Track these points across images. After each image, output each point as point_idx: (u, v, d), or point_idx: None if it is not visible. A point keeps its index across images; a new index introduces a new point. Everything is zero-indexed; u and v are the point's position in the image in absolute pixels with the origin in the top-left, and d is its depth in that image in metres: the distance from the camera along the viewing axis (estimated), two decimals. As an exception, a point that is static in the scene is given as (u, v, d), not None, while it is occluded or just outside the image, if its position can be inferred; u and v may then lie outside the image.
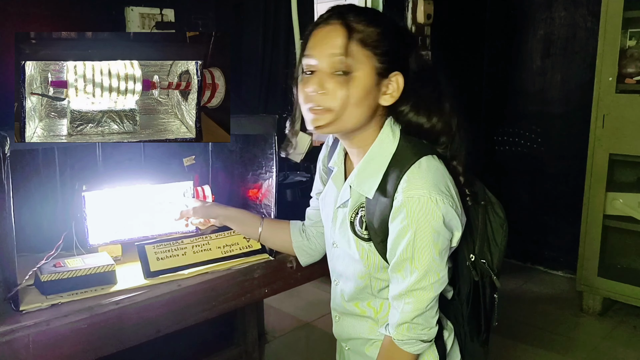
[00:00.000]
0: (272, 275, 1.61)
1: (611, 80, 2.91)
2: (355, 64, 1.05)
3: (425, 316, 1.11)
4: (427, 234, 1.05)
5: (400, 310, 1.11)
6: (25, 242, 1.46)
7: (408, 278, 1.09)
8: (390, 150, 1.11)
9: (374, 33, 1.06)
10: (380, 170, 1.11)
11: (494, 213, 1.22)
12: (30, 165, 1.59)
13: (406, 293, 1.10)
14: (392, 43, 1.07)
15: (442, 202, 1.04)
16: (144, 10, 2.03)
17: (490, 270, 1.20)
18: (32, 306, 1.25)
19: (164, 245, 1.51)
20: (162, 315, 1.39)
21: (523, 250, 3.82)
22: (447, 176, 1.11)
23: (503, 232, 1.22)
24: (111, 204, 1.55)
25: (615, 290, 3.07)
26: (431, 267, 1.07)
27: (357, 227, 1.16)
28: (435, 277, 1.08)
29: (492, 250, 1.21)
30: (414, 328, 1.11)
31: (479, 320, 1.25)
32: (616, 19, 2.85)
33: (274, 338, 2.93)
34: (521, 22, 3.66)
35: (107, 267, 1.38)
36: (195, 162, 1.81)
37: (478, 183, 1.21)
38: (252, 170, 1.75)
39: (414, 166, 1.07)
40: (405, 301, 1.10)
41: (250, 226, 1.50)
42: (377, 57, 1.06)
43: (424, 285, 1.08)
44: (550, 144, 3.64)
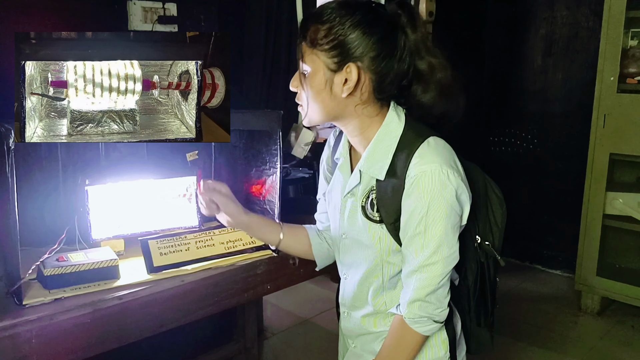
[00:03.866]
0: (275, 271, 1.61)
1: (613, 80, 2.91)
2: (307, 62, 1.12)
3: (438, 295, 1.12)
4: (440, 207, 1.07)
5: (413, 287, 1.12)
6: (28, 236, 1.45)
7: (420, 254, 1.10)
8: (398, 133, 1.14)
9: (320, 31, 1.09)
10: (389, 152, 1.13)
11: (493, 193, 1.25)
12: (33, 160, 1.58)
13: (418, 269, 1.11)
14: (341, 36, 1.08)
15: (453, 176, 1.07)
16: (147, 4, 2.02)
17: (495, 251, 1.23)
18: (35, 300, 1.25)
19: (167, 240, 1.51)
20: (165, 310, 1.39)
21: (522, 249, 3.82)
22: (454, 153, 1.14)
23: (502, 212, 1.25)
24: (114, 198, 1.55)
25: (613, 290, 3.08)
26: (443, 241, 1.09)
27: (368, 211, 1.17)
28: (448, 252, 1.10)
29: (494, 231, 1.25)
30: (426, 306, 1.12)
31: (486, 302, 1.27)
32: (618, 19, 2.85)
33: (273, 334, 2.93)
34: (523, 21, 3.66)
35: (111, 262, 1.38)
36: (198, 157, 1.81)
37: (474, 166, 1.25)
38: (255, 166, 1.75)
39: (423, 145, 1.10)
40: (418, 277, 1.11)
41: (270, 233, 1.40)
42: (324, 53, 1.10)
43: (436, 260, 1.09)
44: (550, 143, 3.64)
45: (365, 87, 1.11)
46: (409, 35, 1.10)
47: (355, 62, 1.09)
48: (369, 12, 1.10)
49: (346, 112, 1.15)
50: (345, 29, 1.08)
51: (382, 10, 1.11)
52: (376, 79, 1.11)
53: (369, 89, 1.11)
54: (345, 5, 1.10)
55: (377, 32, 1.09)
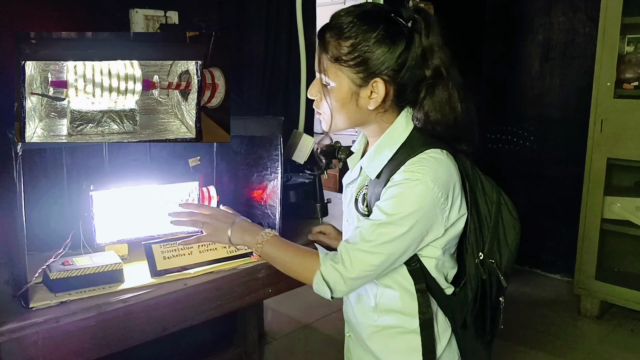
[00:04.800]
0: (276, 275, 1.62)
1: (609, 86, 2.94)
2: (331, 77, 1.14)
3: (358, 280, 1.13)
4: (410, 204, 1.08)
5: (343, 244, 1.15)
6: (33, 241, 1.47)
7: (371, 219, 1.12)
8: (400, 139, 1.16)
9: (343, 47, 1.11)
10: (387, 156, 1.16)
11: (508, 212, 1.24)
12: (38, 166, 1.60)
13: (357, 233, 1.13)
14: (367, 52, 1.09)
15: (436, 190, 1.08)
16: (149, 12, 2.05)
17: (498, 270, 1.21)
18: (42, 303, 1.27)
19: (171, 244, 1.53)
20: (168, 313, 1.40)
21: (521, 254, 3.78)
22: (453, 173, 1.13)
23: (515, 233, 1.24)
24: (118, 203, 1.57)
25: (612, 294, 3.09)
26: (395, 239, 1.09)
27: (359, 204, 1.21)
28: (390, 237, 1.09)
29: (502, 251, 1.23)
30: (336, 265, 1.13)
31: (484, 320, 1.25)
32: (614, 25, 2.88)
33: (273, 339, 2.94)
34: (520, 27, 3.69)
35: (115, 266, 1.40)
36: (200, 163, 1.83)
37: (493, 182, 1.25)
38: (257, 171, 1.77)
39: (420, 155, 1.12)
40: (353, 234, 1.14)
41: None
42: (349, 69, 1.11)
43: (374, 238, 1.10)
44: (548, 148, 3.67)
45: (389, 97, 1.13)
46: (424, 40, 1.11)
47: (381, 76, 1.11)
48: (391, 26, 1.10)
49: (369, 119, 1.18)
50: (370, 45, 1.09)
51: (401, 20, 1.12)
52: (398, 88, 1.13)
53: (391, 98, 1.14)
54: (366, 19, 1.10)
55: (400, 45, 1.10)
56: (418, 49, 1.11)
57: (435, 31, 1.12)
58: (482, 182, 1.22)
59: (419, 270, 1.17)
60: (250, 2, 2.36)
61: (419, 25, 1.11)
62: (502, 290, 1.25)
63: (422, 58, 1.12)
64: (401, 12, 1.12)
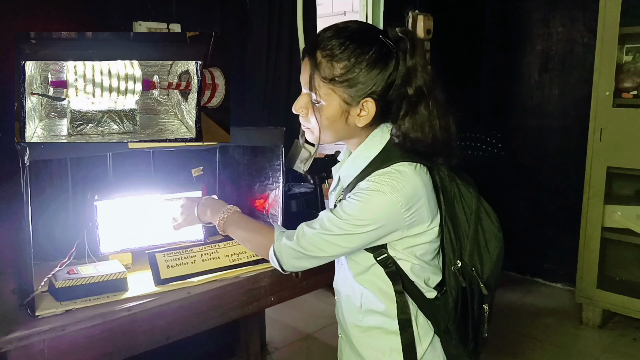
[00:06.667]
0: (278, 284, 1.64)
1: (608, 95, 2.96)
2: (321, 95, 1.15)
3: (303, 260, 1.19)
4: (368, 211, 1.12)
5: (307, 230, 1.18)
6: (39, 250, 1.48)
7: (334, 212, 1.16)
8: (374, 152, 1.19)
9: (336, 68, 1.12)
10: (360, 166, 1.20)
11: (489, 222, 1.25)
12: (43, 176, 1.62)
13: (319, 219, 1.18)
14: (360, 74, 1.12)
15: (397, 202, 1.11)
16: (152, 24, 2.08)
17: (479, 278, 1.22)
18: (47, 312, 1.28)
19: (174, 253, 1.55)
20: (172, 321, 1.42)
21: (522, 263, 3.84)
22: (419, 187, 1.15)
23: (496, 242, 1.25)
24: (122, 213, 1.59)
25: (614, 303, 3.09)
26: (351, 229, 1.13)
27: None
28: (345, 232, 1.13)
29: (484, 259, 1.23)
30: (288, 242, 1.19)
31: (466, 328, 1.26)
32: (612, 35, 2.91)
33: (275, 349, 2.94)
34: (519, 38, 3.72)
35: (119, 275, 1.41)
36: (203, 172, 1.85)
37: (473, 191, 1.25)
38: (259, 181, 1.79)
39: (388, 168, 1.14)
40: (315, 220, 1.18)
41: None
42: (342, 89, 1.13)
43: (331, 229, 1.14)
44: (548, 158, 3.68)
45: (377, 114, 1.16)
46: (409, 61, 1.14)
47: (372, 96, 1.14)
48: (381, 48, 1.13)
49: (355, 134, 1.22)
50: (363, 68, 1.12)
51: (389, 41, 1.14)
52: (384, 105, 1.16)
53: (376, 114, 1.16)
54: (358, 41, 1.12)
55: (390, 65, 1.13)
56: (403, 69, 1.14)
57: (419, 52, 1.14)
58: (461, 192, 1.23)
59: (395, 273, 1.19)
60: (253, 14, 2.39)
61: (405, 45, 1.14)
62: (484, 298, 1.25)
63: (407, 77, 1.15)
64: (387, 33, 1.16)
